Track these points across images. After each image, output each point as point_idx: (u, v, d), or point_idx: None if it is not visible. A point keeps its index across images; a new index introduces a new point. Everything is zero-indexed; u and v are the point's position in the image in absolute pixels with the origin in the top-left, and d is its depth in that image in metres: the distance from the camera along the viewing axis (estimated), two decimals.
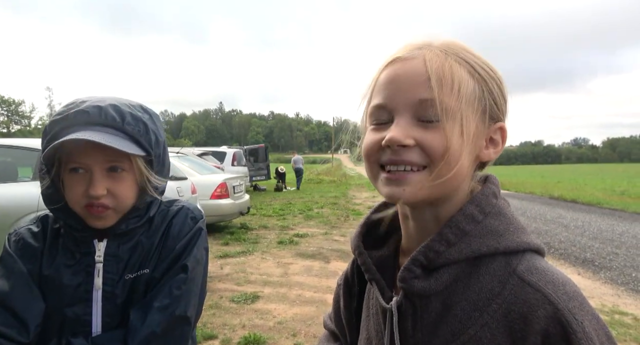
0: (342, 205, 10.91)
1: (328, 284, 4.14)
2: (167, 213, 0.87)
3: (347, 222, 8.10)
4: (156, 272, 0.82)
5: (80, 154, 0.74)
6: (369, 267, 0.59)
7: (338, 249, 5.69)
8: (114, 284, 0.80)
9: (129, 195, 0.79)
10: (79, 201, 0.75)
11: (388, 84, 0.52)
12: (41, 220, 0.85)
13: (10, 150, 3.88)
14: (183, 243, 0.84)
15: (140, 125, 0.78)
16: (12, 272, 0.78)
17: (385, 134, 0.50)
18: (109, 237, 0.81)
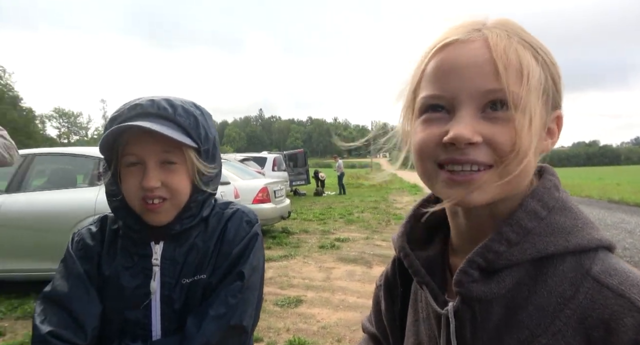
0: (382, 209, 10.73)
1: (371, 289, 4.02)
2: (222, 216, 0.86)
3: (388, 226, 7.95)
4: (213, 278, 0.81)
5: (135, 145, 0.75)
6: (418, 269, 0.54)
7: (380, 253, 5.58)
8: (171, 288, 0.80)
9: (183, 188, 0.78)
10: (135, 194, 0.76)
11: (445, 71, 0.46)
12: (100, 221, 0.87)
13: (70, 159, 4.16)
14: (239, 248, 0.82)
15: (191, 119, 0.78)
16: (71, 273, 0.79)
17: (444, 129, 0.45)
18: (165, 240, 0.81)
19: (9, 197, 3.68)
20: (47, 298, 0.78)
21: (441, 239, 0.57)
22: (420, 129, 0.48)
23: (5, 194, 3.75)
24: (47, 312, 0.76)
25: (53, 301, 0.77)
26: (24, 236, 3.54)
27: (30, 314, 3.28)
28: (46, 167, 4.24)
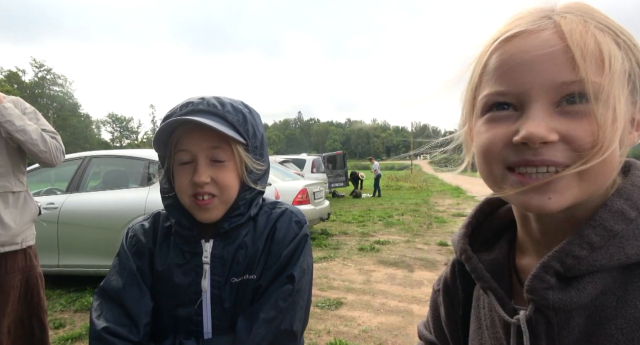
0: (424, 212, 10.47)
1: (413, 293, 3.95)
2: (271, 215, 0.86)
3: (430, 229, 7.74)
4: (262, 280, 0.80)
5: (186, 141, 0.77)
6: (482, 273, 0.50)
7: (422, 257, 5.43)
8: (221, 287, 0.80)
9: (232, 184, 0.79)
10: (186, 190, 0.77)
11: (512, 66, 0.42)
12: (153, 218, 0.89)
13: (122, 160, 4.39)
14: (289, 250, 0.82)
15: (239, 115, 0.79)
16: (124, 269, 0.81)
17: (513, 128, 0.41)
18: (215, 238, 0.82)
19: (68, 197, 3.95)
20: (103, 292, 0.80)
21: (507, 241, 0.53)
22: (485, 128, 0.44)
23: (66, 193, 4.02)
24: (102, 307, 0.78)
25: (108, 296, 0.79)
26: (81, 234, 3.78)
27: (87, 307, 3.49)
28: (101, 168, 4.51)
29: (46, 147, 1.70)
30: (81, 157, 4.25)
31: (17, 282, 1.65)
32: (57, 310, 3.46)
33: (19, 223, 1.65)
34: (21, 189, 1.71)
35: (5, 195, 1.63)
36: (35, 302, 1.72)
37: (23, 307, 1.68)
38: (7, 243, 1.62)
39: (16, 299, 1.65)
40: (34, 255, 1.75)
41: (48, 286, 4.03)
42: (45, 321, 1.75)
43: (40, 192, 4.33)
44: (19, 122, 1.61)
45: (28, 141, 1.64)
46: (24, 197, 1.72)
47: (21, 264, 1.68)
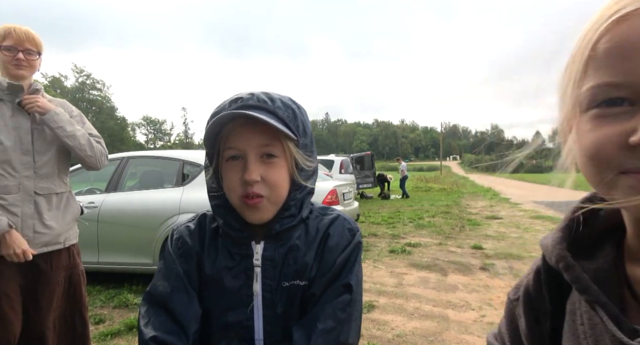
0: (455, 214, 10.20)
1: (448, 298, 3.83)
2: (322, 221, 0.82)
3: (462, 232, 7.51)
4: (315, 288, 0.76)
5: (236, 138, 0.74)
6: (587, 285, 0.43)
7: (455, 261, 5.27)
8: (272, 291, 0.77)
9: (283, 183, 0.76)
10: (235, 190, 0.74)
11: (627, 52, 0.35)
12: (199, 219, 0.85)
13: (157, 161, 4.51)
14: (343, 258, 0.78)
15: (289, 111, 0.76)
16: (171, 273, 0.78)
17: (628, 127, 0.35)
18: (266, 240, 0.79)
19: (107, 196, 4.09)
20: (150, 298, 0.78)
21: (613, 246, 0.46)
22: (591, 127, 0.38)
23: (105, 193, 4.17)
24: (150, 313, 0.76)
25: (155, 302, 0.77)
26: (119, 232, 3.90)
27: (124, 304, 3.60)
28: (138, 169, 4.65)
29: (92, 152, 1.75)
30: (119, 158, 4.39)
31: (61, 278, 1.70)
32: (97, 306, 3.58)
33: (62, 224, 1.70)
34: (64, 190, 1.75)
35: (49, 197, 1.67)
36: (77, 299, 1.76)
37: (66, 303, 1.73)
38: (50, 243, 1.66)
39: (60, 295, 1.70)
40: (76, 253, 1.80)
41: (88, 283, 4.15)
42: (86, 317, 1.80)
43: (81, 191, 4.50)
44: (69, 128, 1.66)
45: (76, 146, 1.69)
46: (66, 198, 1.76)
47: (65, 261, 1.73)
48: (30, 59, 1.62)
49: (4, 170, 1.56)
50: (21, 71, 1.61)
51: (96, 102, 56.55)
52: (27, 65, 1.62)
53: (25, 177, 1.60)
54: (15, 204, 1.58)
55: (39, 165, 1.64)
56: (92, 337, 2.85)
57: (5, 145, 1.56)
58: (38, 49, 1.65)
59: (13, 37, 1.58)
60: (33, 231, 1.61)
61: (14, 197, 1.58)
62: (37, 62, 1.66)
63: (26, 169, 1.61)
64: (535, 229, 7.82)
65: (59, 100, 1.80)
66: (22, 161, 1.60)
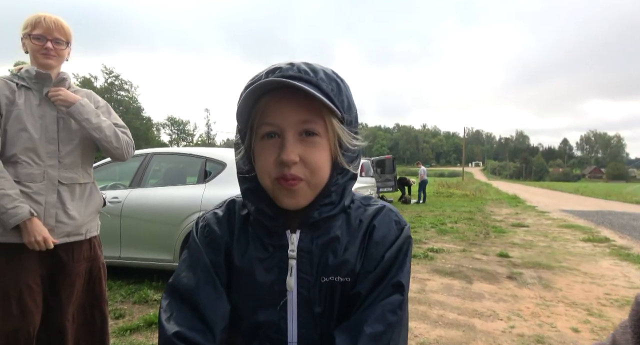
0: (479, 220, 9.90)
1: (473, 306, 3.66)
2: (366, 211, 0.73)
3: (487, 239, 7.26)
4: (361, 286, 0.67)
5: (273, 113, 0.64)
6: None
7: (481, 268, 5.07)
8: (309, 287, 0.68)
9: (323, 165, 0.66)
10: (270, 171, 0.65)
11: None
12: (227, 206, 0.77)
13: (181, 157, 4.52)
14: (392, 253, 0.68)
15: (333, 84, 0.67)
16: (197, 264, 0.70)
17: None
18: (302, 229, 0.69)
19: (131, 192, 4.12)
20: (173, 290, 0.70)
21: None
22: None
23: (129, 189, 4.20)
24: (172, 307, 0.68)
25: (179, 295, 0.69)
26: (140, 227, 3.92)
27: (144, 299, 3.60)
28: (161, 165, 4.68)
29: (119, 143, 1.73)
30: (143, 154, 4.43)
31: (82, 270, 1.68)
32: (118, 301, 3.60)
33: (84, 215, 1.68)
34: (88, 181, 1.73)
35: (73, 187, 1.66)
36: (97, 292, 1.74)
37: (86, 296, 1.71)
38: (72, 233, 1.64)
39: (81, 287, 1.68)
40: (98, 245, 1.78)
41: (110, 277, 4.23)
42: (105, 311, 1.77)
43: (106, 187, 4.56)
44: (95, 120, 1.64)
45: (103, 138, 1.67)
46: (90, 189, 1.74)
47: (86, 253, 1.70)
48: (59, 48, 1.61)
49: (29, 158, 1.55)
50: (49, 60, 1.60)
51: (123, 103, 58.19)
52: (55, 54, 1.60)
53: (49, 166, 1.59)
54: (39, 193, 1.56)
55: (63, 154, 1.62)
56: (111, 332, 2.84)
57: (31, 134, 1.55)
58: (67, 38, 1.63)
59: (42, 26, 1.56)
60: (56, 220, 1.59)
61: (38, 186, 1.56)
62: (65, 52, 1.65)
63: (51, 158, 1.59)
64: (565, 238, 7.50)
65: (85, 90, 1.79)
66: (47, 150, 1.59)
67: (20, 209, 1.47)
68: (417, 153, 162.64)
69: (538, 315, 3.43)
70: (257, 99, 0.65)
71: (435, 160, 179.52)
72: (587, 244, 6.89)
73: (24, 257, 1.53)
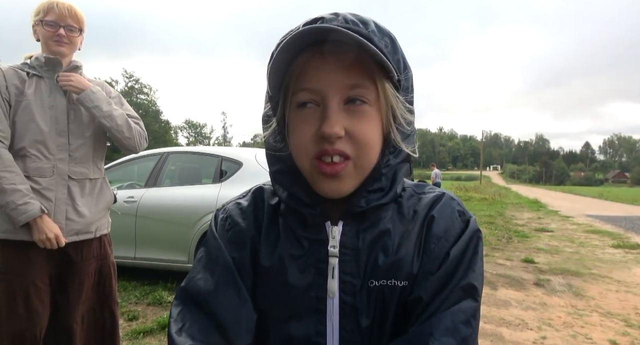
0: (501, 225, 9.59)
1: (500, 315, 3.47)
2: (421, 201, 0.60)
3: (510, 244, 6.99)
4: (421, 290, 0.53)
5: (312, 75, 0.52)
6: None
7: (505, 274, 4.85)
8: (355, 293, 0.55)
9: (374, 141, 0.53)
10: (307, 148, 0.53)
11: None
12: (254, 194, 0.65)
13: (196, 157, 4.47)
14: (459, 249, 0.55)
15: (386, 40, 0.54)
16: (216, 264, 0.59)
17: None
18: (346, 220, 0.56)
19: (146, 191, 4.07)
20: (185, 295, 0.58)
21: None
22: None
23: (144, 188, 4.16)
24: (185, 316, 0.56)
25: (193, 301, 0.57)
26: (156, 227, 3.87)
27: (158, 301, 3.53)
28: (177, 165, 4.64)
29: (130, 133, 1.66)
30: (159, 153, 4.39)
31: (91, 270, 1.60)
32: (132, 302, 3.54)
33: (94, 212, 1.60)
34: (98, 176, 1.66)
35: (83, 182, 1.58)
36: (107, 292, 1.66)
37: (96, 296, 1.63)
38: (81, 231, 1.57)
39: (90, 287, 1.60)
40: (108, 244, 1.70)
41: (125, 278, 4.19)
42: (116, 311, 1.68)
43: (122, 186, 4.54)
44: (106, 108, 1.57)
45: (114, 127, 1.60)
46: (100, 185, 1.67)
47: (96, 251, 1.63)
48: (72, 35, 1.54)
49: (38, 151, 1.48)
50: (62, 48, 1.53)
51: (143, 106, 59.35)
52: (68, 42, 1.53)
53: (59, 160, 1.51)
54: (49, 188, 1.49)
55: (73, 148, 1.55)
56: (124, 334, 2.77)
57: (40, 125, 1.47)
58: (80, 25, 1.56)
59: (55, 12, 1.49)
60: (65, 218, 1.51)
61: (47, 181, 1.49)
62: (78, 40, 1.58)
63: (61, 151, 1.52)
64: (592, 244, 7.16)
65: (98, 81, 1.72)
66: (57, 143, 1.51)
67: (30, 206, 1.40)
68: (433, 156, 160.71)
69: (571, 325, 3.21)
70: (292, 58, 0.52)
71: (452, 163, 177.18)
72: (617, 251, 6.55)
73: (32, 255, 1.46)
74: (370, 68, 0.51)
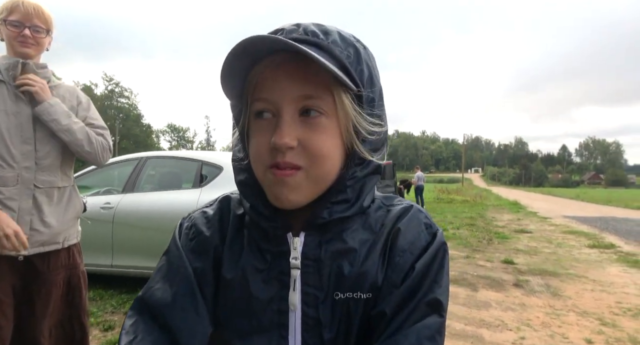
0: (481, 227, 9.75)
1: (480, 316, 3.51)
2: (389, 214, 0.59)
3: (491, 245, 7.11)
4: (385, 304, 0.52)
5: (268, 85, 0.51)
6: None
7: (486, 275, 4.92)
8: (317, 304, 0.53)
9: (330, 152, 0.52)
10: (262, 158, 0.51)
11: None
12: (220, 203, 0.63)
13: (176, 161, 4.39)
14: (425, 263, 0.54)
15: (350, 50, 0.53)
16: (176, 273, 0.56)
17: None
18: (307, 231, 0.55)
19: (124, 197, 3.97)
20: (142, 306, 0.56)
21: None
22: None
23: (122, 194, 4.06)
24: (138, 329, 0.53)
25: (148, 312, 0.55)
26: (134, 234, 3.77)
27: None
28: (156, 170, 4.54)
29: (91, 147, 1.58)
30: (138, 158, 4.30)
31: (59, 280, 1.53)
32: (108, 312, 3.43)
33: (62, 221, 1.53)
34: (67, 184, 1.59)
35: (51, 191, 1.51)
36: (76, 303, 1.59)
37: (65, 307, 1.56)
38: (48, 242, 1.50)
39: (59, 298, 1.54)
40: (77, 253, 1.63)
41: (101, 286, 4.08)
42: (85, 323, 1.62)
43: (99, 192, 4.42)
44: (65, 121, 1.49)
45: (73, 141, 1.53)
46: (69, 193, 1.59)
47: (64, 261, 1.56)
48: (38, 36, 1.48)
49: (1, 159, 1.41)
50: (27, 49, 1.46)
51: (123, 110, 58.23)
52: (34, 43, 1.47)
53: (25, 168, 1.45)
54: (12, 198, 1.42)
55: (40, 155, 1.48)
56: None
57: (2, 132, 1.41)
58: (47, 26, 1.50)
59: (20, 12, 1.43)
60: (30, 228, 1.44)
61: (10, 190, 1.42)
62: (45, 41, 1.51)
63: (26, 159, 1.45)
64: (569, 244, 7.35)
65: (67, 85, 1.65)
66: (22, 150, 1.44)
67: None
68: (416, 159, 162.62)
69: (549, 325, 3.27)
70: (249, 66, 0.51)
71: (435, 166, 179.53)
72: (593, 251, 6.74)
73: None
74: (328, 79, 0.50)
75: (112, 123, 54.39)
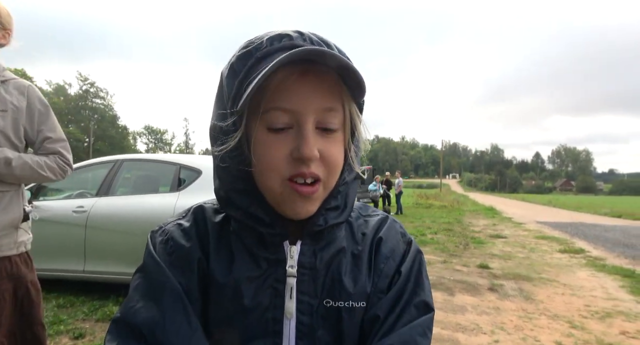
0: (458, 232, 9.94)
1: (456, 320, 3.57)
2: (368, 223, 0.63)
3: (467, 250, 7.25)
4: (377, 308, 0.55)
5: (289, 95, 0.49)
6: None
7: (462, 280, 5.01)
8: (312, 313, 0.54)
9: (340, 163, 0.54)
10: (280, 169, 0.50)
11: None
12: (194, 214, 0.61)
13: (153, 164, 4.30)
14: (407, 267, 0.59)
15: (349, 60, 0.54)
16: (161, 289, 0.53)
17: None
18: (303, 240, 0.56)
19: (98, 201, 3.86)
20: (122, 329, 0.51)
21: None
22: None
23: (96, 197, 3.94)
24: None
25: (132, 334, 0.50)
26: (108, 239, 3.67)
27: (109, 316, 3.33)
28: (132, 173, 4.44)
29: (43, 177, 1.49)
30: (113, 160, 4.19)
31: (3, 291, 1.43)
32: (79, 319, 3.32)
33: None
34: (7, 189, 1.44)
35: None
36: (27, 314, 1.49)
37: (16, 320, 1.47)
38: None
39: (8, 311, 1.44)
40: (23, 263, 1.51)
41: (72, 293, 3.94)
42: (41, 336, 1.52)
43: (71, 195, 4.28)
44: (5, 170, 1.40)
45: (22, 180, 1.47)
46: (8, 199, 1.45)
47: (6, 271, 1.44)
48: None
49: None
50: None
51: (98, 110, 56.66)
52: None
53: None
54: None
55: None
56: None
57: None
58: (3, 25, 1.41)
59: None
60: None
61: None
62: None
63: None
64: (542, 249, 7.58)
65: (21, 81, 1.50)
66: None
67: None
68: (396, 164, 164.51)
69: (521, 329, 3.36)
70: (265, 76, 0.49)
71: (414, 172, 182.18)
72: (563, 255, 6.97)
73: None
74: (340, 91, 0.51)
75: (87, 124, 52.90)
